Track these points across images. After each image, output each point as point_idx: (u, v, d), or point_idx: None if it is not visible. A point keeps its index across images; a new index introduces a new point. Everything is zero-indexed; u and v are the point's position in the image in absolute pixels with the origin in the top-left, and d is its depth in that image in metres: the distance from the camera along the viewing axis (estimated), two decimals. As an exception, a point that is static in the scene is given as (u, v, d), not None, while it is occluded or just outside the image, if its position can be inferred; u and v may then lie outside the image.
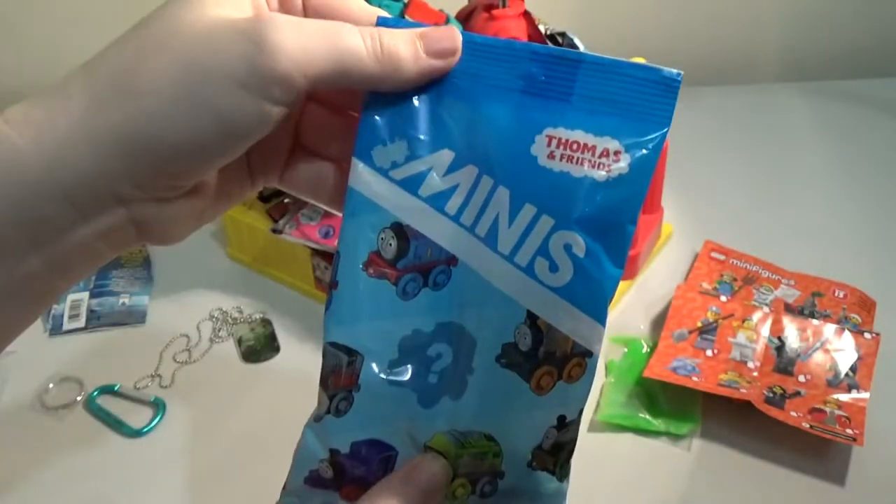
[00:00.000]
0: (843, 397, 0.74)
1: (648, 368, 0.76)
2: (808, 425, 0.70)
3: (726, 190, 1.02)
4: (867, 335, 0.78)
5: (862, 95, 1.18)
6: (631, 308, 0.86)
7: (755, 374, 0.76)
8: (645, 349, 0.81)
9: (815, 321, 0.80)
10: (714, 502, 0.70)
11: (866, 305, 0.84)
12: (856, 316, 0.83)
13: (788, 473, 0.71)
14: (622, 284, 0.87)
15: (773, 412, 0.71)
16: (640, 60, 0.89)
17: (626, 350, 0.81)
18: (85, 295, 0.88)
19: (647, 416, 0.74)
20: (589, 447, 0.72)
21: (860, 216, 0.98)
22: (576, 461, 0.36)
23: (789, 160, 1.07)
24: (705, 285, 0.86)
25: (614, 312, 0.86)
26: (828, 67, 1.27)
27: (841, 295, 0.85)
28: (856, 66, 1.27)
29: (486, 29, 0.81)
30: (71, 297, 0.88)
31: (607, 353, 0.81)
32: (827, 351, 0.78)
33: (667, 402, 0.75)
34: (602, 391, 0.77)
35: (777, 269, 0.88)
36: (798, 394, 0.74)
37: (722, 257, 0.90)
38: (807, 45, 1.27)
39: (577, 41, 0.87)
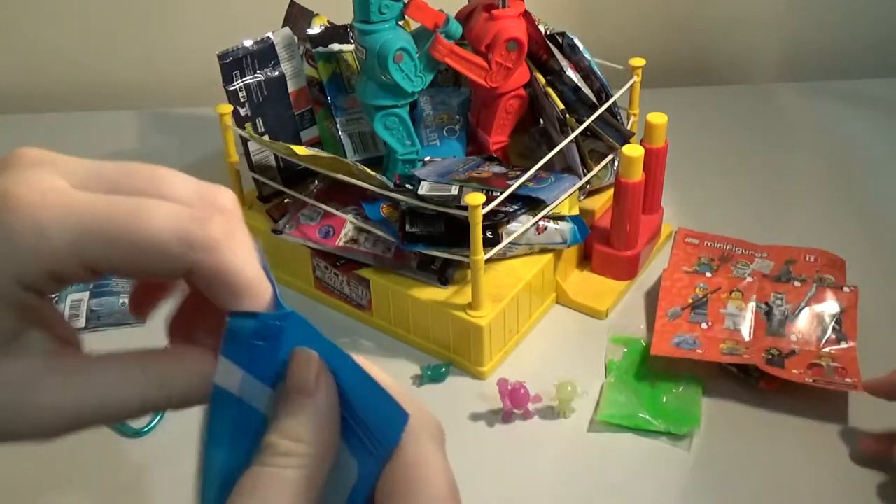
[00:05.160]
0: (835, 349, 0.77)
1: (654, 347, 0.78)
2: (810, 380, 0.73)
3: (726, 190, 1.02)
4: (846, 289, 0.82)
5: (862, 95, 1.18)
6: (631, 308, 0.86)
7: (749, 339, 0.79)
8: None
9: (796, 283, 0.83)
10: (714, 502, 0.70)
11: (836, 264, 0.87)
12: (829, 277, 0.86)
13: (789, 473, 0.71)
14: (622, 284, 0.87)
15: (777, 372, 0.74)
16: (641, 61, 0.89)
17: (625, 350, 0.81)
18: (85, 295, 0.88)
19: (647, 416, 0.74)
20: (589, 447, 0.72)
21: (860, 216, 0.98)
22: (576, 461, 0.36)
23: (789, 160, 1.07)
24: (685, 269, 0.87)
25: (614, 312, 0.86)
26: (828, 67, 1.27)
27: (812, 259, 0.88)
28: (856, 66, 1.27)
29: (486, 29, 0.81)
30: (71, 296, 0.88)
31: (607, 353, 0.81)
32: (812, 309, 0.81)
33: (667, 402, 0.76)
34: (602, 391, 0.77)
35: (749, 244, 0.91)
36: (794, 352, 0.77)
37: (696, 241, 0.92)
38: (807, 45, 1.27)
39: (577, 41, 0.87)
